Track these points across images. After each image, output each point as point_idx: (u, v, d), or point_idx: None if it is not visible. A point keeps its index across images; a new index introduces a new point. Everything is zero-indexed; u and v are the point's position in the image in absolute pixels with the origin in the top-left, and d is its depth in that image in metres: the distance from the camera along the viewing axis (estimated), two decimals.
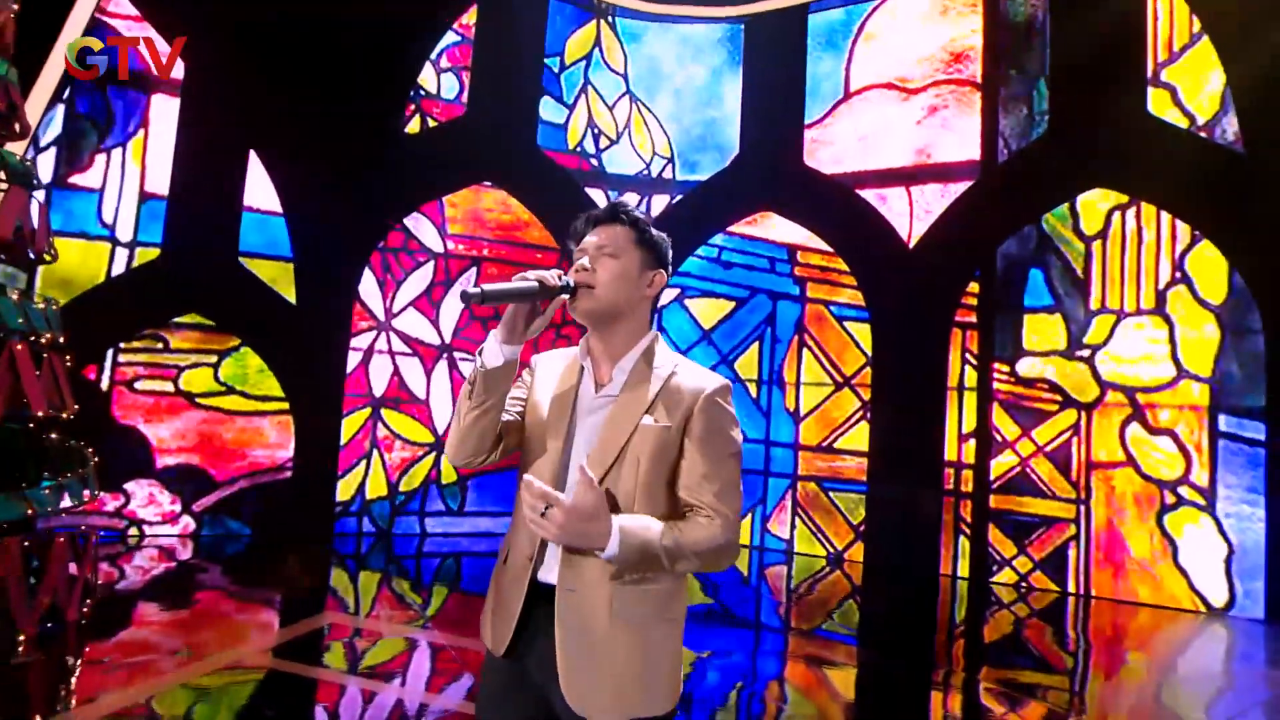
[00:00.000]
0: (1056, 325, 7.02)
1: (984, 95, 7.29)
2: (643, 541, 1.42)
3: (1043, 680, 4.93)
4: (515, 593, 1.56)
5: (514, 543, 1.62)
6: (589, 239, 1.62)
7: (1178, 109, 6.72)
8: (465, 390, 1.58)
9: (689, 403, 1.53)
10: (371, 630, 4.99)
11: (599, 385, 1.60)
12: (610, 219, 1.62)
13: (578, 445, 1.56)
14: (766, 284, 8.00)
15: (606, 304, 1.56)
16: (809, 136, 7.89)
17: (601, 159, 8.26)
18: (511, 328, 1.52)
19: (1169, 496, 6.57)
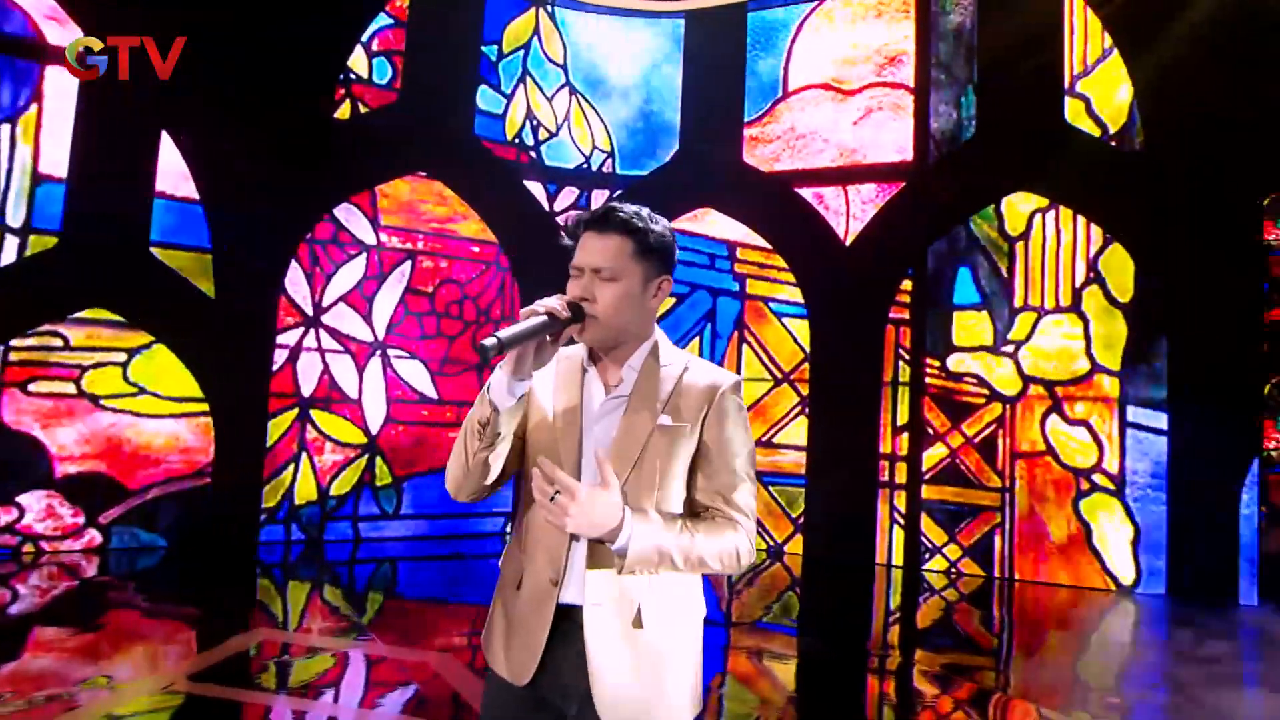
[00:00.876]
0: (983, 322, 7.22)
1: (916, 99, 7.40)
2: (657, 536, 1.38)
3: (971, 661, 5.11)
4: (537, 619, 1.47)
5: (530, 566, 1.51)
6: (582, 255, 1.49)
7: (1091, 119, 6.99)
8: (473, 429, 1.45)
9: (704, 401, 1.49)
10: (303, 644, 4.58)
11: (607, 387, 1.53)
12: (604, 226, 1.49)
13: (589, 452, 1.48)
14: (706, 280, 7.89)
15: (613, 330, 1.48)
16: (748, 134, 7.81)
17: (541, 151, 7.93)
18: (522, 363, 1.40)
19: (1084, 483, 6.86)
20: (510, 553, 1.59)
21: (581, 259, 1.49)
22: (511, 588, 1.54)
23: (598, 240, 1.48)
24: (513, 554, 1.57)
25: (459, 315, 7.48)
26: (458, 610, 5.70)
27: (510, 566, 1.57)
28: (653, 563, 1.40)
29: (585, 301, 1.45)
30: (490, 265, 7.64)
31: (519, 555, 1.54)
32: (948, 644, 5.60)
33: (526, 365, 1.40)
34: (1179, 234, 6.64)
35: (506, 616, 1.54)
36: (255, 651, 4.37)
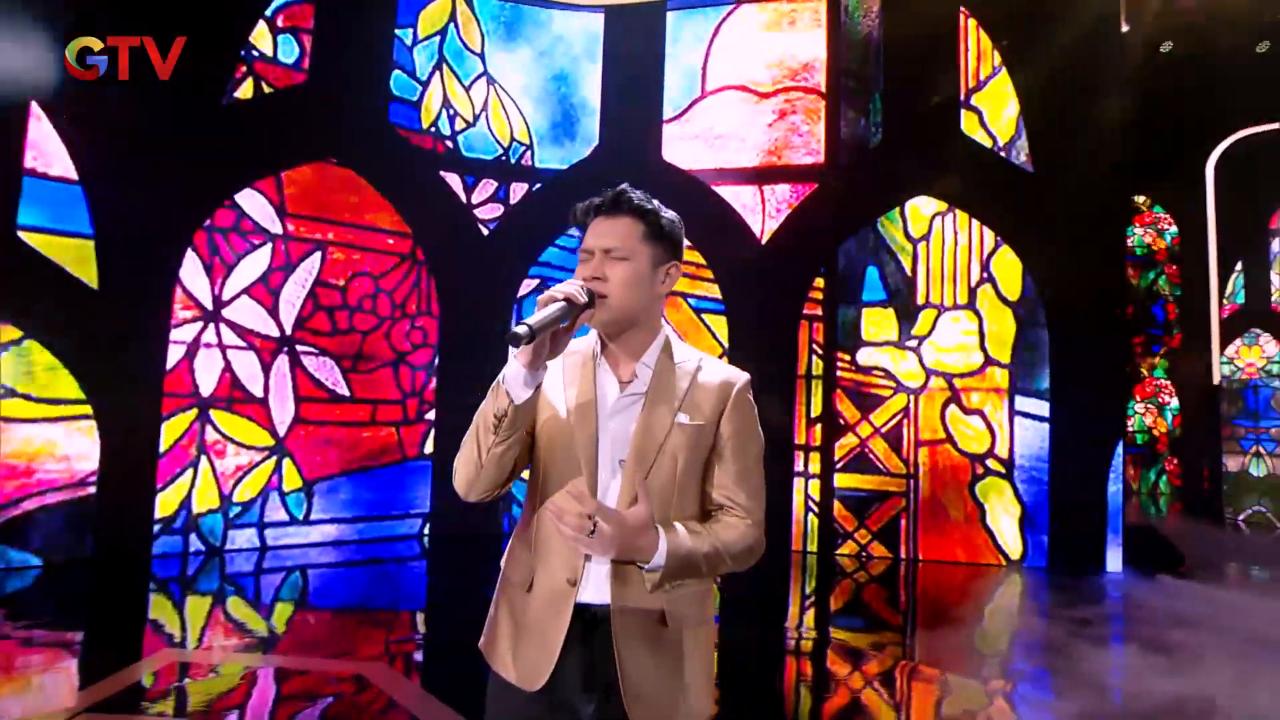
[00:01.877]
0: (890, 318, 7.46)
1: (827, 104, 7.53)
2: (687, 551, 1.37)
3: (880, 638, 5.34)
4: (554, 621, 1.41)
5: (543, 567, 1.45)
6: (592, 238, 1.46)
7: (984, 130, 7.35)
8: (487, 424, 1.40)
9: (720, 398, 1.47)
10: (206, 663, 4.11)
11: (621, 383, 1.48)
12: (614, 210, 1.46)
13: (604, 448, 1.44)
14: None
15: (623, 313, 1.44)
16: (667, 132, 7.71)
17: (458, 141, 7.51)
18: (539, 353, 1.35)
19: (979, 468, 7.22)
20: (515, 553, 1.51)
21: (591, 241, 1.45)
22: (520, 590, 1.47)
23: (608, 223, 1.45)
24: (518, 554, 1.50)
25: (373, 310, 6.98)
26: (376, 617, 5.30)
27: (517, 568, 1.49)
28: (680, 577, 1.39)
29: (596, 281, 1.41)
30: (406, 259, 7.17)
31: (527, 556, 1.47)
32: (859, 623, 5.80)
33: (543, 355, 1.35)
34: (1058, 239, 7.10)
35: (514, 620, 1.47)
36: (152, 681, 3.85)
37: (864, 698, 4.03)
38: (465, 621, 5.05)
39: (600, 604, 1.41)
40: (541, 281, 7.75)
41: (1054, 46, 7.07)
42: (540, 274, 7.71)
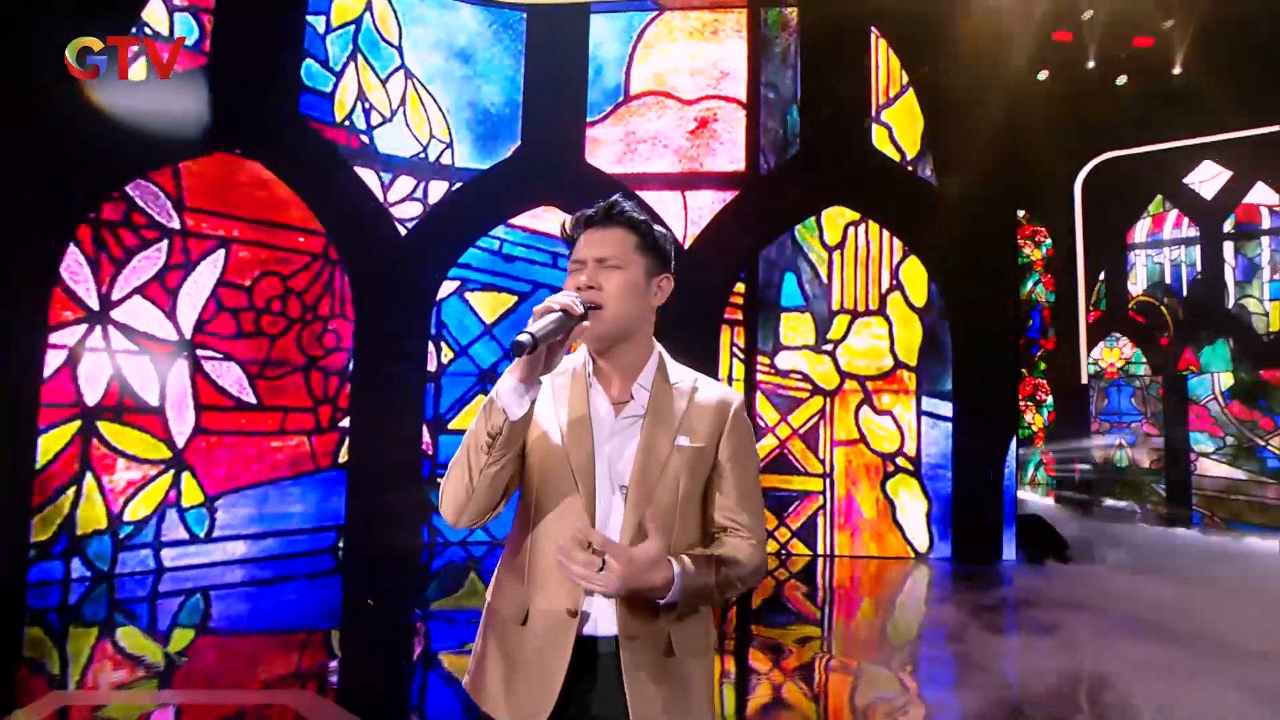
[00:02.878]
0: (807, 323, 7.54)
1: (748, 114, 7.53)
2: (699, 582, 1.31)
3: (799, 632, 5.41)
4: (554, 655, 1.32)
5: (540, 598, 1.36)
6: (585, 247, 1.39)
7: (893, 145, 7.55)
8: (479, 445, 1.30)
9: (719, 419, 1.41)
10: (90, 705, 3.60)
11: (616, 404, 1.40)
12: (607, 221, 1.41)
13: (601, 472, 1.36)
14: (549, 279, 7.47)
15: (617, 326, 1.37)
16: (590, 135, 7.49)
17: (374, 136, 7.02)
18: (533, 368, 1.27)
19: (889, 466, 7.40)
20: (504, 584, 1.42)
21: (584, 251, 1.39)
22: (513, 623, 1.37)
23: (601, 233, 1.39)
24: (508, 586, 1.40)
25: (282, 311, 6.41)
26: (289, 639, 4.84)
27: (508, 599, 1.39)
28: (694, 604, 1.34)
29: (591, 290, 1.34)
30: (318, 258, 6.63)
31: (519, 587, 1.38)
32: (780, 620, 5.81)
33: (538, 369, 1.28)
34: (959, 250, 7.37)
35: (507, 656, 1.37)
36: None
37: (785, 691, 4.06)
38: (385, 640, 4.72)
39: (605, 635, 1.33)
40: (462, 284, 7.37)
41: (951, 70, 7.34)
42: (461, 276, 7.33)
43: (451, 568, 6.70)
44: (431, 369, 7.21)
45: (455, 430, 7.27)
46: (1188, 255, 10.37)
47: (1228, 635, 4.76)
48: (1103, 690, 4.08)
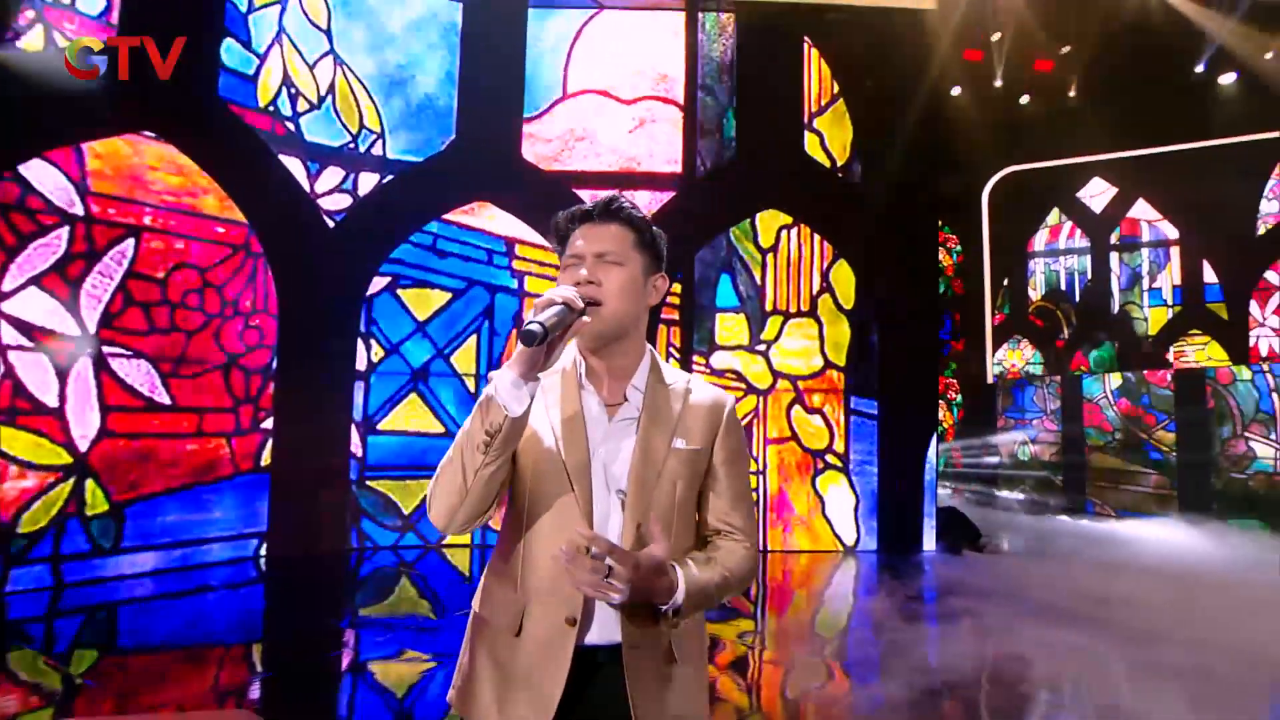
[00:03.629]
0: (741, 323, 7.56)
1: (685, 116, 7.48)
2: (702, 586, 1.27)
3: (733, 627, 5.37)
4: (551, 665, 1.26)
5: (535, 607, 1.29)
6: (581, 243, 1.33)
7: (824, 152, 7.66)
8: (474, 444, 1.22)
9: (713, 421, 1.37)
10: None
11: (609, 405, 1.35)
12: (605, 217, 1.34)
13: (597, 475, 1.31)
14: (484, 276, 7.21)
15: (615, 323, 1.31)
16: (527, 131, 7.27)
17: (300, 123, 6.58)
18: (533, 362, 1.20)
19: (819, 463, 7.52)
20: (494, 593, 1.34)
21: (581, 246, 1.32)
22: (505, 634, 1.30)
23: (598, 228, 1.33)
24: (499, 594, 1.33)
25: (199, 306, 5.92)
26: (206, 655, 4.46)
27: (499, 609, 1.32)
28: (695, 609, 1.29)
29: (590, 286, 1.27)
30: (239, 249, 6.16)
31: (512, 595, 1.30)
32: (709, 617, 5.80)
33: (538, 364, 1.20)
34: (884, 254, 7.56)
35: (499, 668, 1.29)
36: None
37: (719, 685, 4.04)
38: (312, 651, 4.40)
39: (605, 644, 1.28)
40: (393, 279, 7.01)
41: (876, 82, 7.52)
42: (392, 271, 6.98)
43: (382, 573, 6.37)
44: (361, 367, 6.83)
45: (386, 431, 6.92)
46: (1080, 264, 11.02)
47: (1122, 615, 5.05)
48: (1014, 670, 4.22)
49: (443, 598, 5.88)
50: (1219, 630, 4.68)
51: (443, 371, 7.06)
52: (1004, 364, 11.08)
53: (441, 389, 7.07)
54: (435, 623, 5.17)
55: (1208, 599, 5.41)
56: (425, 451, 6.98)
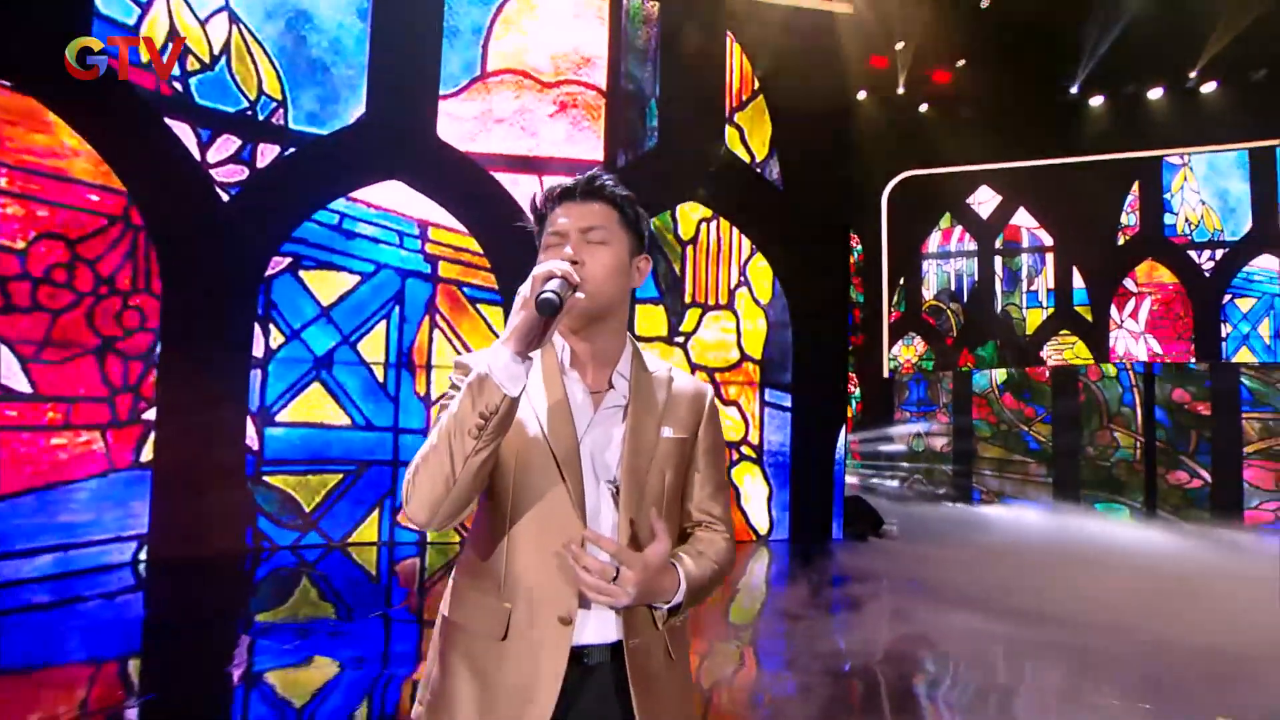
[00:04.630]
0: (660, 315, 7.48)
1: (608, 102, 7.30)
2: (698, 582, 1.24)
3: None
4: (546, 667, 1.17)
5: (522, 608, 1.20)
6: (564, 220, 1.25)
7: (743, 146, 7.68)
8: (465, 429, 1.11)
9: (697, 409, 1.34)
10: None
11: (594, 392, 1.29)
12: (589, 195, 1.27)
13: (586, 465, 1.24)
14: (395, 259, 6.78)
15: (600, 303, 1.24)
16: (443, 108, 6.88)
17: (190, 84, 5.93)
18: (530, 339, 1.12)
19: (735, 454, 7.56)
20: (469, 595, 1.24)
21: (565, 224, 1.24)
22: (488, 639, 1.20)
23: (582, 206, 1.26)
24: (475, 596, 1.23)
25: (67, 283, 5.23)
26: (77, 673, 3.96)
27: (477, 612, 1.22)
28: (691, 605, 1.26)
29: (575, 265, 1.18)
30: (117, 221, 5.49)
31: (493, 597, 1.21)
32: None
33: (536, 341, 1.12)
34: (800, 249, 7.68)
35: (481, 677, 1.20)
36: None
37: None
38: (202, 662, 3.98)
39: (600, 643, 1.21)
40: (295, 260, 6.47)
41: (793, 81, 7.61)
42: (294, 251, 6.44)
43: (279, 575, 5.90)
44: (258, 354, 6.26)
45: (286, 423, 6.40)
46: (968, 266, 11.67)
47: (1004, 597, 5.32)
48: (909, 652, 4.40)
49: (349, 599, 5.50)
50: (1094, 608, 4.99)
51: (348, 360, 6.59)
52: (899, 359, 11.58)
53: (347, 378, 6.60)
54: (343, 626, 4.81)
55: (1083, 580, 5.80)
56: (329, 444, 6.51)
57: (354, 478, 6.57)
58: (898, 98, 10.23)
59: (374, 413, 6.66)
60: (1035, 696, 3.84)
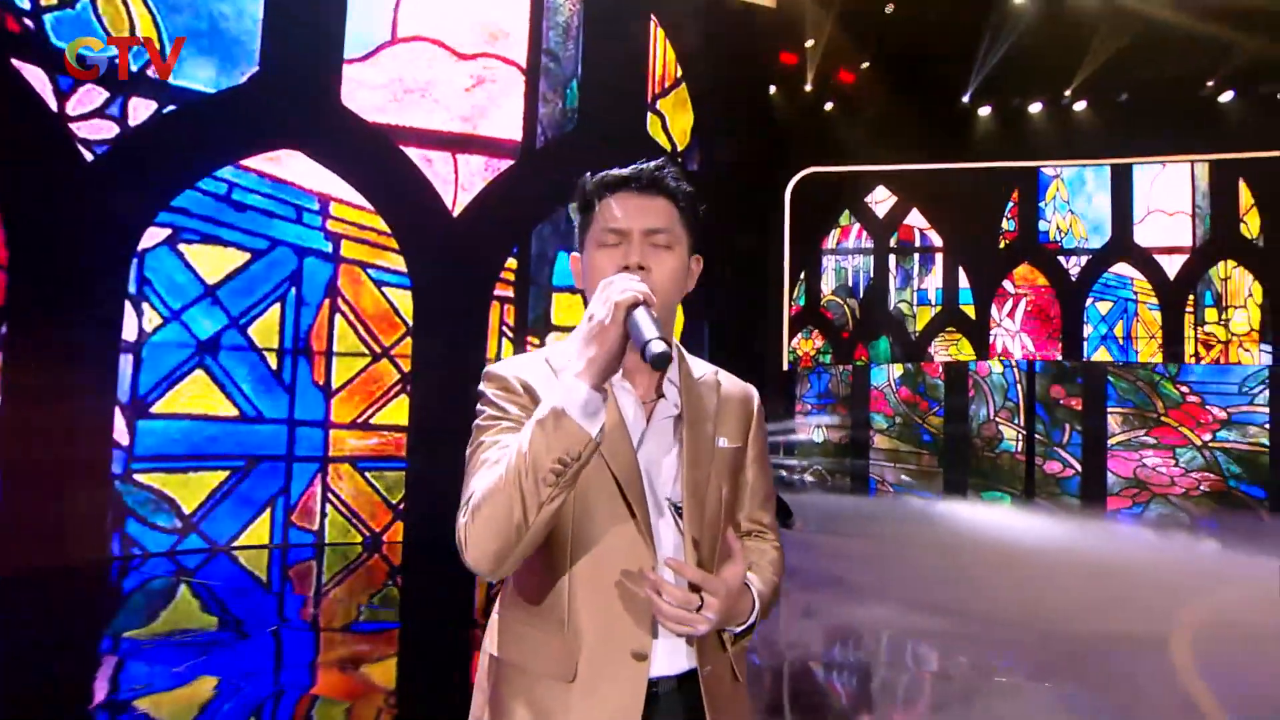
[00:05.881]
0: (577, 304, 7.27)
1: (527, 81, 6.98)
2: (766, 600, 1.19)
3: None
4: (619, 707, 1.10)
5: (596, 643, 1.11)
6: (622, 215, 1.14)
7: (665, 135, 7.58)
8: (543, 475, 0.98)
9: (746, 415, 1.27)
10: None
11: (644, 403, 1.20)
12: (652, 187, 1.17)
13: (646, 475, 1.15)
14: (292, 236, 6.22)
15: (664, 312, 1.13)
16: (348, 74, 6.35)
17: (44, 22, 5.14)
18: (610, 371, 1.01)
19: None
20: (526, 636, 1.14)
21: (627, 220, 1.13)
22: (553, 680, 1.10)
23: (642, 199, 1.15)
24: (535, 637, 1.13)
25: None
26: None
27: (539, 654, 1.13)
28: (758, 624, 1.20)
29: (643, 271, 1.09)
30: None
31: (557, 635, 1.11)
32: None
33: (613, 371, 1.02)
34: (721, 245, 7.68)
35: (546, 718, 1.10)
36: None
37: None
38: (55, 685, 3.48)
39: (670, 674, 1.13)
40: (175, 232, 5.79)
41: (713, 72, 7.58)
42: (174, 223, 5.75)
43: (152, 586, 5.31)
44: (129, 337, 5.57)
45: (162, 415, 5.73)
46: (865, 263, 12.13)
47: (902, 587, 5.51)
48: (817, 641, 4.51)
49: (236, 610, 5.01)
50: (977, 595, 5.20)
51: (237, 345, 5.99)
52: (797, 352, 11.91)
53: (235, 365, 6.00)
54: (228, 639, 4.39)
55: (972, 568, 6.12)
56: (213, 439, 5.90)
57: (242, 475, 5.99)
58: (806, 94, 10.44)
59: (266, 404, 6.09)
60: (943, 682, 3.97)
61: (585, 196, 1.17)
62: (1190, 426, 8.62)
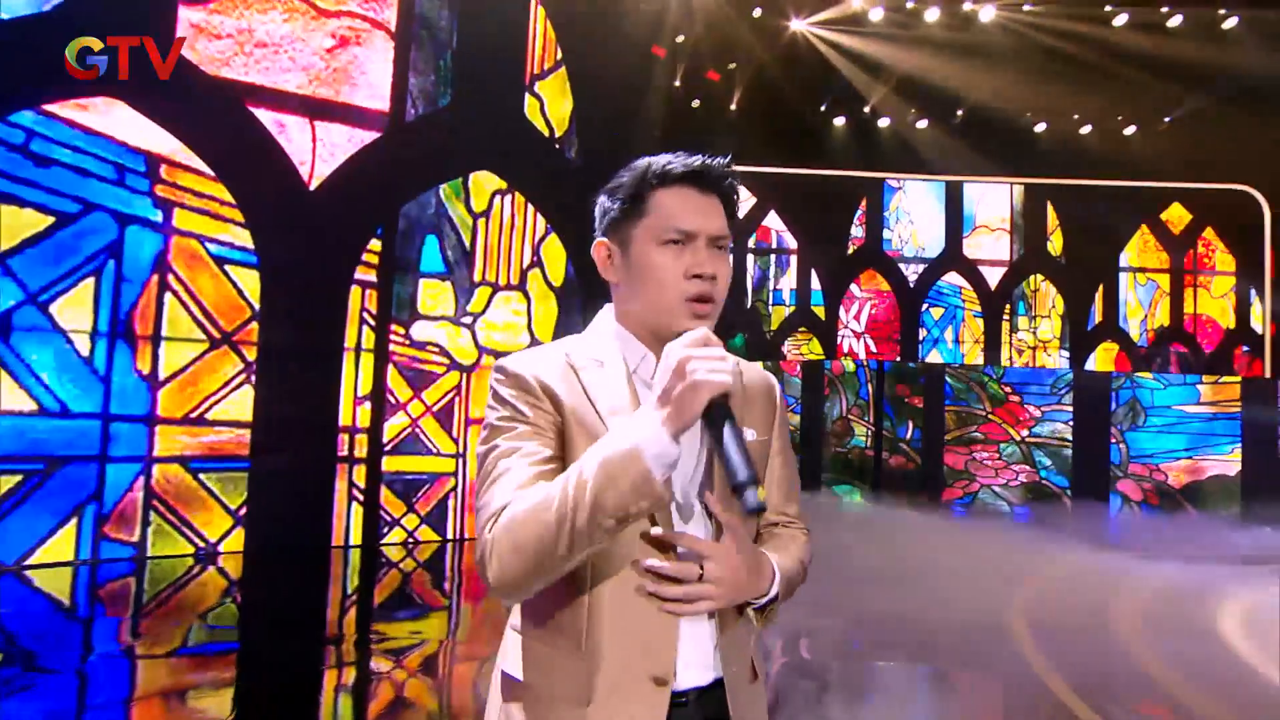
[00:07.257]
0: (447, 292, 6.92)
1: (397, 47, 6.50)
2: (788, 573, 1.15)
3: (425, 625, 5.14)
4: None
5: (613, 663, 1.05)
6: (697, 218, 1.06)
7: (543, 119, 7.36)
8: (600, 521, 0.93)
9: (770, 405, 1.24)
10: None
11: None
12: (714, 184, 1.10)
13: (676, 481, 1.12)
14: (111, 200, 5.40)
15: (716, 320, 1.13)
16: (186, 17, 5.59)
17: None
18: (691, 420, 0.95)
19: None
20: (542, 656, 1.09)
21: (696, 223, 1.05)
22: (570, 705, 1.05)
23: (705, 199, 1.08)
24: (551, 657, 1.08)
25: None
26: None
27: (554, 676, 1.07)
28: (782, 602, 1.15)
29: (713, 282, 1.06)
30: None
31: (575, 657, 1.06)
32: (405, 614, 5.40)
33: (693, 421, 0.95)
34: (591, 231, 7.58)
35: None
36: None
37: (407, 690, 3.83)
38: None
39: (693, 687, 1.07)
40: None
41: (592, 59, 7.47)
42: None
43: None
44: None
45: None
46: None
47: None
48: None
49: (26, 643, 4.29)
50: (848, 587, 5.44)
51: (36, 325, 5.11)
52: None
53: (33, 350, 5.11)
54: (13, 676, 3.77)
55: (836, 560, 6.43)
56: (5, 436, 5.00)
57: (40, 479, 5.13)
58: (674, 90, 10.56)
59: (73, 396, 5.25)
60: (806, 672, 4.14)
61: (638, 186, 1.07)
62: (1011, 423, 9.63)
